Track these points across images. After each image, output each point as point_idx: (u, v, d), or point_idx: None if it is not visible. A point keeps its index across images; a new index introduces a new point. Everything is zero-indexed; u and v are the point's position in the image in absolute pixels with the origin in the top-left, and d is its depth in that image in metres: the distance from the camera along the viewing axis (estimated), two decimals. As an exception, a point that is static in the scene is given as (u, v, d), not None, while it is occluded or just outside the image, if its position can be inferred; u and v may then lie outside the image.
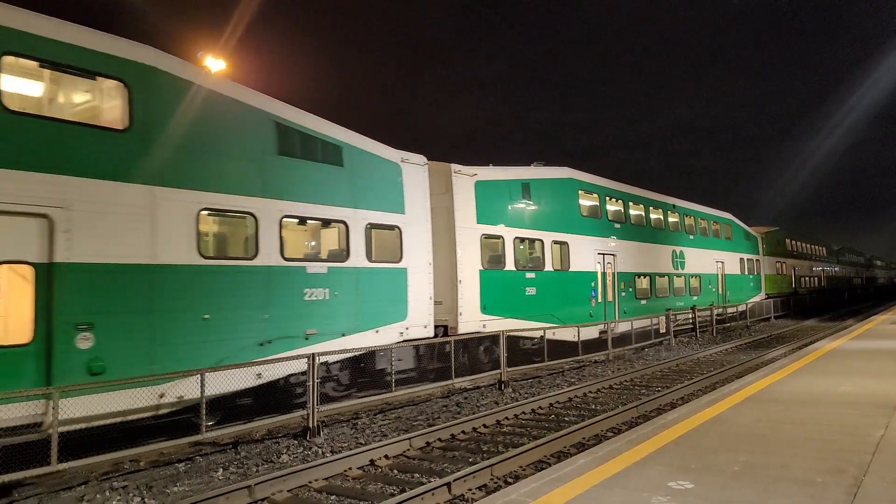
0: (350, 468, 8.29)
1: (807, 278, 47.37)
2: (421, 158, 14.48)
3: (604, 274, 21.09)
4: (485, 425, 10.71)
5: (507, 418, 11.24)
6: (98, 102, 9.60)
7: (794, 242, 45.23)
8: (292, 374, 11.05)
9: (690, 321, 26.16)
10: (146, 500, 7.32)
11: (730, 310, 30.83)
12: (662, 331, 23.07)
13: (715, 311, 27.89)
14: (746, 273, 34.85)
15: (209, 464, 8.71)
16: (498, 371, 14.31)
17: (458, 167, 15.86)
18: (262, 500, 7.25)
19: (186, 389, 9.23)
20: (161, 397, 9.10)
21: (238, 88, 11.05)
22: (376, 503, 6.85)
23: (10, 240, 8.07)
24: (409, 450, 9.20)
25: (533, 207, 18.09)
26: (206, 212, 10.18)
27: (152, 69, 9.69)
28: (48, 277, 8.30)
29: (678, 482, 5.08)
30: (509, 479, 7.65)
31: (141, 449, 8.51)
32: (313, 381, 9.90)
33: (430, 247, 14.39)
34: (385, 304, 13.16)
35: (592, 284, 20.43)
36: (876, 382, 9.63)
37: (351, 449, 9.20)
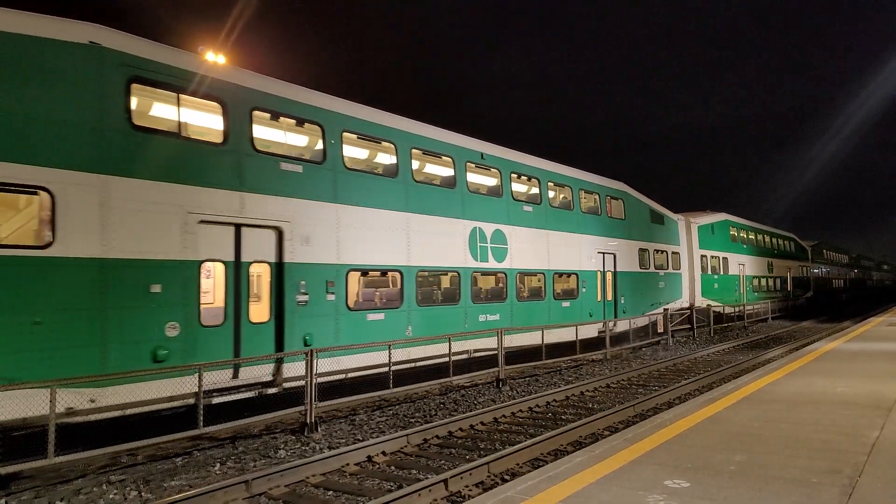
0: (347, 464, 8.31)
1: (836, 280, 61.69)
2: (682, 217, 28.80)
3: (739, 276, 34.62)
4: (482, 423, 10.73)
5: (504, 416, 11.27)
6: (601, 204, 21.89)
7: (829, 252, 59.99)
8: (654, 319, 23.94)
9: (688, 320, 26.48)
10: (143, 493, 7.33)
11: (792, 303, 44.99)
12: (660, 330, 23.12)
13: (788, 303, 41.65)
14: (803, 276, 48.85)
15: (207, 458, 8.72)
16: (496, 369, 14.34)
17: (693, 219, 29.79)
18: (260, 494, 7.26)
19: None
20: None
21: (640, 195, 24.55)
22: (373, 499, 6.86)
23: (607, 262, 21.33)
24: (406, 446, 9.22)
25: (714, 238, 31.65)
26: (638, 248, 23.51)
27: (630, 195, 23.63)
28: (604, 277, 21.09)
29: (674, 481, 5.11)
30: (506, 477, 7.67)
31: (138, 443, 8.50)
32: (311, 377, 9.91)
33: (687, 262, 28.45)
34: (675, 291, 26.79)
35: (736, 283, 34.18)
36: (872, 384, 9.66)
37: (348, 445, 9.21)
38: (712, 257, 31.03)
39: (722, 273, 32.00)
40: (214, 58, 11.45)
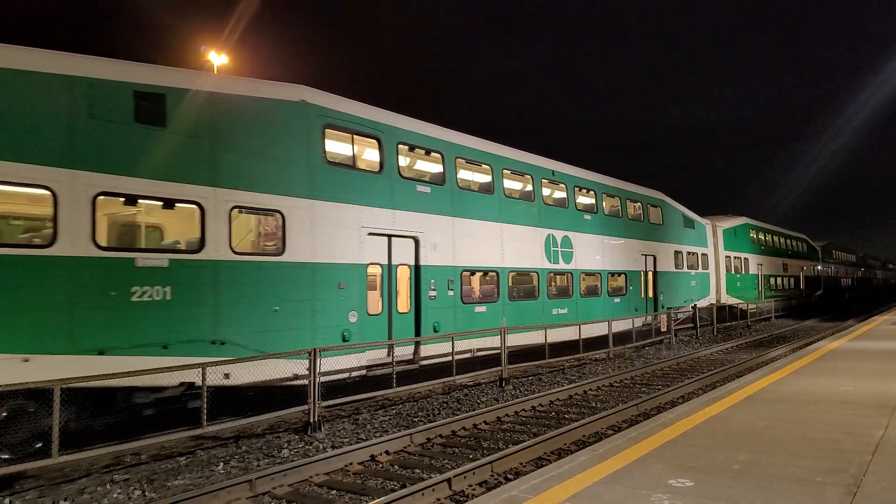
0: (351, 463, 8.32)
1: (844, 279, 64.47)
2: (709, 221, 31.28)
3: (758, 275, 37.33)
4: (485, 422, 10.73)
5: (507, 415, 11.26)
6: (644, 211, 24.74)
7: (837, 252, 63.30)
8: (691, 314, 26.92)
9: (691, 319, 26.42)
10: (147, 493, 7.34)
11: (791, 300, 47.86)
12: (663, 329, 23.08)
13: (793, 301, 43.44)
14: (814, 275, 52.06)
15: (210, 458, 8.73)
16: (499, 368, 14.33)
17: (718, 222, 32.35)
18: (263, 494, 7.27)
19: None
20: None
21: (675, 202, 27.37)
22: (377, 498, 6.86)
23: (648, 263, 24.43)
24: (409, 446, 9.22)
25: (736, 240, 34.16)
26: (674, 251, 26.47)
27: (666, 202, 26.48)
28: (646, 276, 23.98)
29: (678, 480, 5.10)
30: (509, 476, 7.67)
31: (142, 442, 8.54)
32: (314, 376, 9.93)
33: (714, 262, 31.08)
34: (704, 289, 29.59)
35: (755, 281, 36.87)
36: (876, 383, 9.64)
37: (352, 444, 9.22)
38: (735, 258, 33.76)
39: (743, 272, 34.92)
40: (217, 57, 11.56)
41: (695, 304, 27.01)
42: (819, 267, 53.34)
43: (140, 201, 9.62)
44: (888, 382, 9.62)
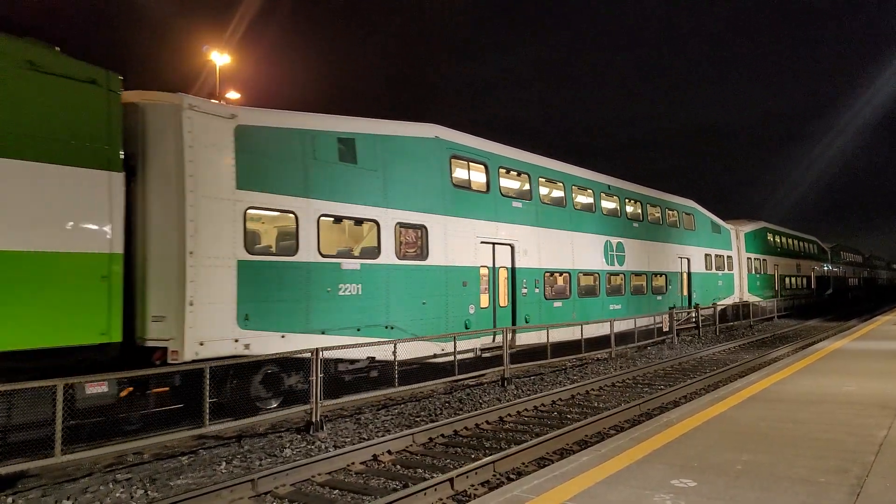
0: (353, 463, 8.31)
1: (852, 279, 67.48)
2: (732, 226, 33.33)
3: (775, 275, 39.51)
4: (487, 422, 10.72)
5: (509, 415, 11.26)
6: (679, 218, 27.79)
7: (845, 253, 66.17)
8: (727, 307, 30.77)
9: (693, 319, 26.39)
10: (149, 492, 7.34)
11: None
12: (665, 329, 23.05)
13: (801, 301, 44.91)
14: (825, 275, 54.60)
15: (212, 457, 8.73)
16: (501, 367, 14.33)
17: (740, 227, 34.35)
18: (265, 493, 7.27)
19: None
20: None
21: (704, 210, 29.82)
22: (379, 498, 6.86)
23: (683, 265, 27.31)
24: (411, 445, 9.22)
25: (755, 242, 36.27)
26: (704, 254, 29.18)
27: (698, 210, 29.30)
28: (681, 277, 26.95)
29: (681, 480, 5.09)
30: (512, 476, 7.66)
31: (144, 441, 8.55)
32: (317, 375, 9.93)
33: (737, 263, 33.23)
34: (730, 288, 31.88)
35: (772, 280, 38.88)
36: (879, 383, 9.62)
37: (354, 444, 9.21)
38: (755, 259, 36.17)
39: (762, 273, 37.39)
40: (219, 56, 11.64)
41: (697, 305, 27.05)
42: (829, 267, 55.78)
43: (343, 220, 12.61)
44: (891, 382, 9.61)
